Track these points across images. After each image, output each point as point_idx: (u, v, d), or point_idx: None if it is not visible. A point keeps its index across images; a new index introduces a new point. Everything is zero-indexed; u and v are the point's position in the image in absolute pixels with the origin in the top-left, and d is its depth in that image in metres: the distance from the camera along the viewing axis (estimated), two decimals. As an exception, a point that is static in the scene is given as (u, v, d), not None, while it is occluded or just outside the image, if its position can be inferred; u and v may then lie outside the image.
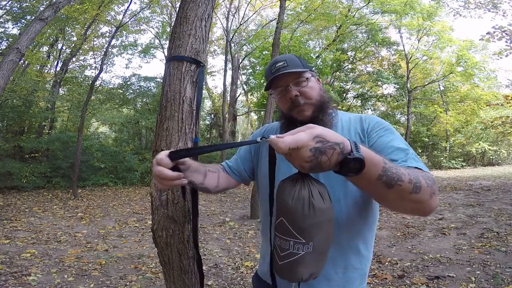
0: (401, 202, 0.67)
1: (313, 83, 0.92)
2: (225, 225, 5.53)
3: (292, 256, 0.66)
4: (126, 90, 14.36)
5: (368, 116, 0.94)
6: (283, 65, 0.90)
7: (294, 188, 0.66)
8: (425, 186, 0.67)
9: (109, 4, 9.48)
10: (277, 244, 0.69)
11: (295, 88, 0.89)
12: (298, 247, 0.65)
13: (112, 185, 10.91)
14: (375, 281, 2.88)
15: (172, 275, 1.29)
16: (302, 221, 0.64)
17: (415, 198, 0.66)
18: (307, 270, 0.68)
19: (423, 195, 0.66)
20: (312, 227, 0.64)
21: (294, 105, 0.89)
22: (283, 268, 0.69)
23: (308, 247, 0.65)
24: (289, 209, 0.65)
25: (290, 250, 0.66)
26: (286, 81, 0.90)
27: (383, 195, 0.66)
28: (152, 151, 1.30)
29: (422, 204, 0.68)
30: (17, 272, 3.05)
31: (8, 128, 11.19)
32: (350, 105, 20.09)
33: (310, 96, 0.90)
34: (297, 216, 0.64)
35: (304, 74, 0.91)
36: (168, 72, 1.30)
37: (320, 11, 10.46)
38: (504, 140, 18.78)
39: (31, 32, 4.61)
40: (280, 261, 0.68)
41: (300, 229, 0.64)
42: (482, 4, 9.71)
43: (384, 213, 5.96)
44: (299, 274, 0.68)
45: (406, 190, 0.64)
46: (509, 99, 10.46)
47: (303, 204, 0.64)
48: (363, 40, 17.60)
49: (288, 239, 0.66)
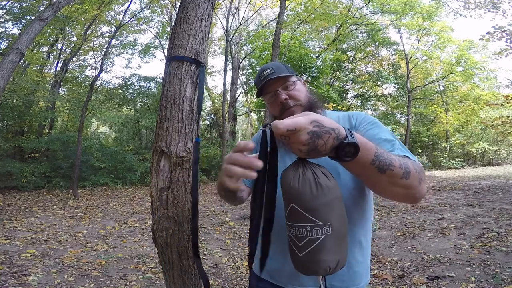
0: (393, 188, 0.70)
1: (299, 86, 0.98)
2: (225, 225, 5.53)
3: (313, 243, 0.62)
4: (126, 90, 14.37)
5: (355, 113, 0.99)
6: (270, 72, 0.96)
7: (297, 172, 0.65)
8: (414, 172, 0.70)
9: (109, 4, 9.48)
10: (293, 234, 0.65)
11: (283, 92, 0.95)
12: (317, 230, 0.62)
13: (112, 185, 10.91)
14: (375, 281, 2.88)
15: (172, 275, 1.29)
16: (313, 201, 0.62)
17: (406, 184, 0.69)
18: (332, 256, 0.63)
19: (412, 180, 0.70)
20: (325, 206, 0.62)
21: (285, 108, 0.94)
22: (306, 261, 0.64)
23: (327, 229, 0.62)
24: (298, 192, 0.63)
25: (309, 236, 0.62)
26: (275, 86, 0.96)
27: (376, 180, 0.68)
28: (152, 151, 1.30)
29: (413, 190, 0.71)
30: (17, 272, 3.05)
31: (8, 128, 11.19)
32: (350, 105, 20.08)
33: (298, 98, 0.95)
34: (307, 197, 0.62)
35: (290, 78, 0.96)
36: (168, 72, 1.30)
37: (320, 11, 10.47)
38: (504, 140, 18.77)
39: (31, 32, 4.61)
40: (301, 252, 0.64)
41: (313, 211, 0.62)
42: (482, 4, 9.72)
43: (384, 213, 5.96)
44: (325, 263, 0.63)
45: (397, 175, 0.67)
46: (509, 99, 10.45)
47: (310, 185, 0.63)
48: (363, 40, 17.61)
49: (304, 224, 0.62)
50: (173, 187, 1.24)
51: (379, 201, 7.27)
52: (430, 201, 7.05)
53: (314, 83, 14.73)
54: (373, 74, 18.48)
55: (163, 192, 1.24)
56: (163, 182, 1.25)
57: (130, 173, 11.47)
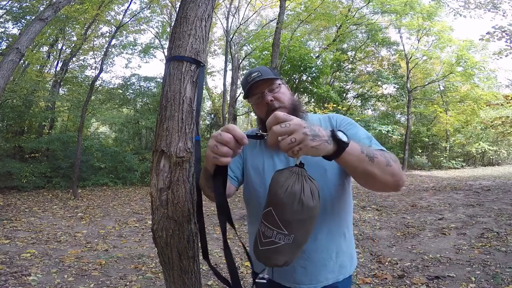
0: (383, 176, 0.78)
1: (284, 89, 1.05)
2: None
3: (273, 244, 0.72)
4: (126, 90, 14.36)
5: (334, 115, 1.08)
6: (257, 75, 1.03)
7: (287, 181, 0.69)
8: (392, 161, 0.80)
9: (109, 4, 9.48)
10: (262, 230, 0.74)
11: (269, 94, 1.02)
12: (280, 237, 0.71)
13: (112, 185, 10.91)
14: (375, 281, 2.88)
15: (172, 275, 1.29)
16: (290, 215, 0.69)
17: (391, 171, 0.79)
18: (283, 258, 0.74)
19: (394, 168, 0.79)
20: (298, 222, 0.70)
21: (270, 109, 1.00)
22: (261, 253, 0.76)
23: (289, 239, 0.71)
24: (280, 202, 0.69)
25: (272, 238, 0.71)
26: (261, 88, 1.03)
27: (370, 169, 0.75)
28: (152, 151, 1.30)
29: (397, 177, 0.80)
30: (17, 272, 3.05)
31: (8, 128, 11.18)
32: (350, 105, 20.09)
33: (283, 100, 1.02)
34: (286, 210, 0.68)
35: (276, 81, 1.03)
36: (168, 72, 1.30)
37: (320, 11, 10.47)
38: (504, 140, 18.77)
39: (31, 32, 4.61)
40: (261, 246, 0.75)
41: (286, 222, 0.69)
42: (482, 4, 9.72)
43: (384, 213, 5.96)
44: (275, 260, 0.75)
45: (382, 163, 0.77)
46: (509, 99, 10.46)
47: (293, 199, 0.68)
48: (363, 40, 17.61)
49: (273, 228, 0.71)
50: (173, 187, 1.24)
51: (379, 201, 7.28)
52: (430, 201, 7.05)
53: (314, 83, 14.75)
54: (373, 74, 18.48)
55: (163, 192, 1.24)
56: (163, 182, 1.25)
57: (130, 173, 11.46)
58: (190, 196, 1.28)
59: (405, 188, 9.55)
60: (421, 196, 7.91)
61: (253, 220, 1.07)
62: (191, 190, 1.29)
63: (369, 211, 6.16)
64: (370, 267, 3.28)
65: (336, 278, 1.01)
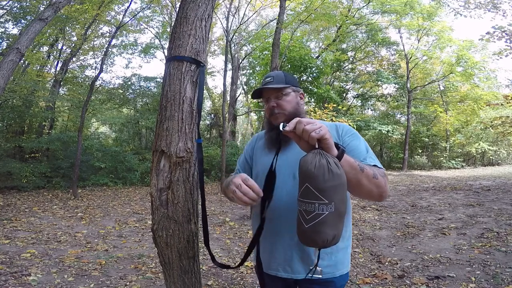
0: (369, 185, 0.91)
1: (291, 97, 1.17)
2: (225, 225, 5.53)
3: (318, 217, 0.78)
4: (126, 90, 14.36)
5: (341, 124, 1.19)
6: (270, 80, 1.16)
7: (314, 159, 0.79)
8: (379, 175, 0.94)
9: (109, 4, 9.47)
10: (302, 209, 0.81)
11: (274, 100, 1.16)
12: (323, 207, 0.78)
13: (112, 185, 10.90)
14: (375, 281, 2.88)
15: (172, 275, 1.29)
16: (324, 183, 0.78)
17: (377, 183, 0.92)
18: (331, 231, 0.80)
19: (380, 181, 0.93)
20: (332, 188, 0.78)
21: (272, 113, 1.16)
22: (309, 231, 0.80)
23: (331, 207, 0.78)
24: (313, 175, 0.78)
25: (316, 211, 0.78)
26: (269, 93, 1.17)
27: (360, 178, 0.89)
28: (152, 151, 1.30)
29: (382, 189, 0.93)
30: (17, 272, 3.05)
31: (8, 128, 11.18)
32: (350, 105, 20.09)
33: (284, 108, 1.15)
34: (319, 180, 0.78)
35: (283, 90, 1.16)
36: (168, 72, 1.30)
37: (320, 11, 10.45)
38: (504, 140, 18.75)
39: (31, 32, 4.61)
40: (307, 224, 0.80)
41: (323, 191, 0.78)
42: (482, 4, 9.71)
43: (384, 213, 5.96)
44: (324, 235, 0.79)
45: (369, 174, 0.91)
46: (509, 99, 10.46)
47: (323, 170, 0.78)
48: (363, 40, 17.61)
49: (313, 201, 0.78)
50: (173, 187, 1.24)
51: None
52: (430, 201, 7.05)
53: (314, 83, 14.74)
54: (373, 74, 18.47)
55: (163, 192, 1.24)
56: (163, 182, 1.25)
57: (130, 173, 11.46)
58: (190, 196, 1.28)
59: (405, 188, 9.55)
60: (421, 196, 7.91)
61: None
62: (191, 190, 1.29)
63: (369, 211, 6.15)
64: (370, 267, 3.28)
65: (333, 274, 1.10)
